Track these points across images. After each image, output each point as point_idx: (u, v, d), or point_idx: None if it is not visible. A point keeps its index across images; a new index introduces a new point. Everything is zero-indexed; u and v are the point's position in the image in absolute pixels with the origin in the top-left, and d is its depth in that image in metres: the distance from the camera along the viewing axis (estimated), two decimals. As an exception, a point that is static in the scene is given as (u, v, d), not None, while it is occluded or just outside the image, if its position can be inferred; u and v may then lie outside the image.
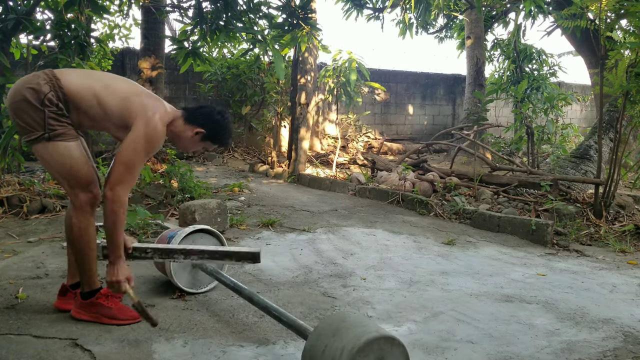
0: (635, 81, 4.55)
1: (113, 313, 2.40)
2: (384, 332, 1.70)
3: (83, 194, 2.32)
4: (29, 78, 2.29)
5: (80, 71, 2.43)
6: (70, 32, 4.49)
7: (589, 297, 2.95)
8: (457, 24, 12.55)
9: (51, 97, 2.24)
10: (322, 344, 1.75)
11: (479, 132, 8.65)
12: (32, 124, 2.25)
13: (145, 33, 7.40)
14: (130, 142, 2.28)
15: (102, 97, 2.31)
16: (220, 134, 2.54)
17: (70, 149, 2.28)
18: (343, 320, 1.81)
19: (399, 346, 1.70)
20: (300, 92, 7.95)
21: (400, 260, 3.59)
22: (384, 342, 1.68)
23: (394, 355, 1.69)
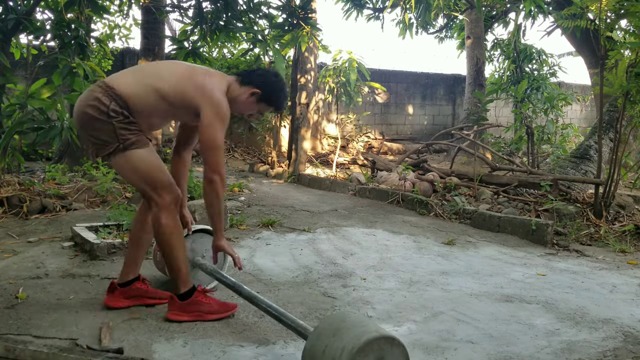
0: (635, 81, 4.55)
1: (214, 308, 2.43)
2: (383, 332, 1.70)
3: (167, 195, 2.36)
4: (86, 95, 2.32)
5: (128, 72, 2.44)
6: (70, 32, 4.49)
7: (589, 297, 2.95)
8: (457, 24, 12.55)
9: (114, 107, 2.27)
10: (322, 344, 1.75)
11: (479, 132, 8.66)
12: (105, 138, 2.28)
13: (145, 33, 7.40)
14: (207, 127, 2.33)
15: (160, 88, 2.34)
16: (276, 94, 2.54)
17: (145, 155, 2.33)
18: (343, 320, 1.80)
19: (399, 346, 1.69)
20: (300, 92, 7.96)
21: (400, 260, 3.59)
22: (383, 342, 1.67)
23: (394, 355, 1.68)
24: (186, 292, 2.42)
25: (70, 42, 4.48)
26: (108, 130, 2.27)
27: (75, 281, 2.91)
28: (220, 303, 2.49)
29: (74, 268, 3.13)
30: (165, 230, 2.35)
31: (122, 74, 2.42)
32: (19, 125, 4.33)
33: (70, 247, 3.54)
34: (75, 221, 4.09)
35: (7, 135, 4.32)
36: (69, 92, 5.09)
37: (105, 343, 2.14)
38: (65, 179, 5.37)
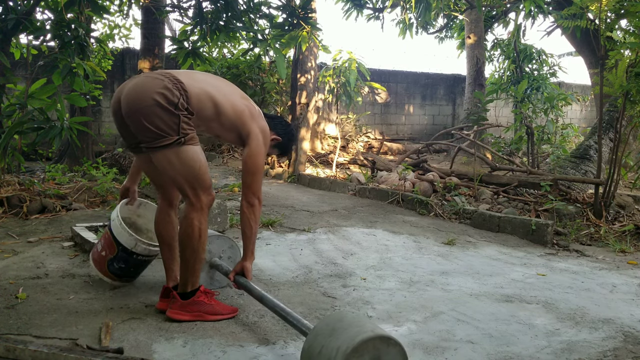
0: (635, 81, 4.55)
1: (215, 309, 2.44)
2: (379, 332, 1.69)
3: (205, 196, 2.39)
4: (154, 82, 2.27)
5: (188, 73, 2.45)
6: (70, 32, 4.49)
7: (589, 297, 2.95)
8: (457, 24, 12.55)
9: (183, 101, 2.28)
10: (318, 344, 1.74)
11: (479, 132, 8.65)
12: (166, 129, 2.25)
13: (145, 33, 7.41)
14: (255, 152, 2.46)
15: (218, 100, 2.40)
16: (290, 145, 2.85)
17: (199, 152, 2.36)
18: (340, 320, 1.80)
19: (395, 345, 1.68)
20: (300, 92, 7.95)
21: (400, 260, 3.59)
22: (379, 342, 1.67)
23: (390, 354, 1.68)
24: (190, 292, 2.42)
25: (70, 42, 4.48)
26: (172, 122, 2.25)
27: (75, 281, 2.91)
28: (222, 305, 2.50)
29: (74, 268, 3.13)
30: (195, 231, 2.35)
31: (183, 72, 2.41)
32: (19, 125, 4.33)
33: (70, 247, 3.55)
34: (75, 221, 4.09)
35: (7, 135, 4.32)
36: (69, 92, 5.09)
37: (105, 343, 2.14)
38: (65, 179, 5.37)
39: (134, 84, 2.32)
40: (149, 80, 2.30)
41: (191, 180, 2.34)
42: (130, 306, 2.58)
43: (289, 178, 7.45)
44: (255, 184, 2.46)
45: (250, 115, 2.48)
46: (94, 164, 5.98)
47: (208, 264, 2.81)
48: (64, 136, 4.45)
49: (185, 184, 2.36)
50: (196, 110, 2.34)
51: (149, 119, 2.25)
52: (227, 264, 2.82)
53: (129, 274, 2.78)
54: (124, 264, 2.74)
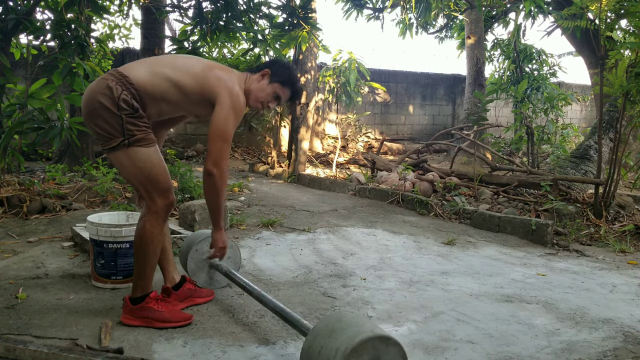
0: (635, 81, 4.55)
1: (165, 316, 2.36)
2: (378, 332, 1.69)
3: (161, 200, 2.32)
4: (98, 83, 2.27)
5: (145, 61, 2.41)
6: (70, 32, 4.49)
7: (589, 297, 2.95)
8: (457, 24, 12.55)
9: (125, 97, 2.22)
10: (318, 344, 1.75)
11: (479, 132, 8.65)
12: (111, 130, 2.23)
13: (145, 33, 7.41)
14: (221, 116, 2.29)
15: (177, 79, 2.31)
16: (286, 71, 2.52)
17: (150, 154, 2.28)
18: (340, 320, 1.80)
19: (395, 345, 1.69)
20: (300, 92, 7.94)
21: (400, 260, 3.59)
22: (378, 342, 1.67)
23: (389, 354, 1.68)
24: (138, 297, 2.38)
25: (70, 42, 4.48)
26: (115, 123, 2.22)
27: (75, 281, 2.91)
28: (175, 312, 2.41)
29: (74, 268, 3.13)
30: (146, 235, 2.31)
31: (138, 63, 2.38)
32: (19, 125, 4.33)
33: (70, 247, 3.55)
34: (75, 221, 4.09)
35: (7, 135, 4.32)
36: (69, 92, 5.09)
37: (105, 343, 2.14)
38: (65, 179, 5.37)
39: (86, 89, 2.35)
40: (94, 83, 2.31)
41: (144, 182, 2.30)
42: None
43: (288, 178, 7.45)
44: (216, 150, 2.28)
45: (216, 80, 2.34)
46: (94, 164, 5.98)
47: (208, 263, 2.81)
48: (64, 136, 4.45)
49: (139, 186, 2.33)
50: (151, 93, 2.28)
51: (94, 121, 2.26)
52: (226, 263, 2.82)
53: (114, 269, 2.80)
54: (103, 259, 2.78)
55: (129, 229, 2.80)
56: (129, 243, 2.80)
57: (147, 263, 2.35)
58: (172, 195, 2.36)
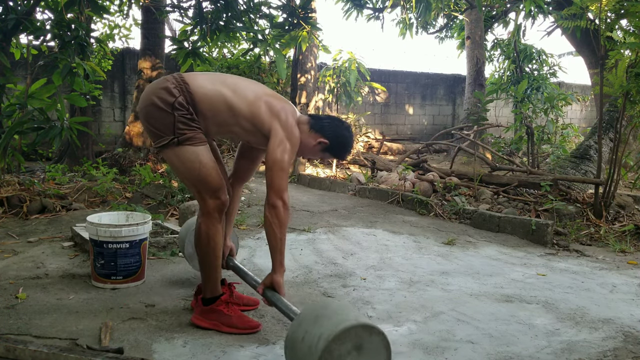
0: (635, 81, 4.55)
1: (232, 322, 2.34)
2: (362, 321, 1.70)
3: (211, 200, 2.31)
4: (158, 82, 2.29)
5: (207, 75, 2.39)
6: (70, 32, 4.48)
7: (589, 297, 2.95)
8: (457, 24, 12.55)
9: (182, 100, 2.23)
10: (302, 331, 1.76)
11: (479, 132, 8.65)
12: (162, 128, 2.25)
13: (145, 33, 7.41)
14: (275, 146, 2.26)
15: (233, 102, 2.29)
16: (343, 149, 2.49)
17: (199, 153, 2.27)
18: (325, 307, 1.81)
19: (378, 334, 1.69)
20: (300, 91, 7.95)
21: (400, 260, 3.59)
22: (361, 330, 1.68)
23: (372, 343, 1.69)
24: (210, 298, 2.38)
25: (70, 42, 4.47)
26: (167, 122, 2.23)
27: (75, 281, 2.92)
28: (242, 318, 2.38)
29: (74, 268, 3.13)
30: (202, 237, 2.33)
31: (201, 75, 2.37)
32: (19, 125, 4.33)
33: (70, 247, 3.55)
34: (75, 221, 4.09)
35: (7, 135, 4.31)
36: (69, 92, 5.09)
37: (105, 343, 2.14)
38: (65, 179, 5.37)
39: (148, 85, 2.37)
40: (153, 83, 2.34)
41: (194, 182, 2.31)
42: (130, 306, 2.58)
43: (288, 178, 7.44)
44: (277, 181, 2.26)
45: (269, 112, 2.31)
46: (94, 164, 5.98)
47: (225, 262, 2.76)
48: (64, 136, 4.45)
49: (190, 186, 2.34)
50: (209, 114, 2.28)
51: (147, 119, 2.30)
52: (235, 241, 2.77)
53: (114, 269, 2.80)
54: (103, 259, 2.79)
55: (129, 229, 2.80)
56: (128, 243, 2.80)
57: (209, 265, 2.35)
58: (223, 195, 2.35)
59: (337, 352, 1.65)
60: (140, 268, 2.89)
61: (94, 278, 2.86)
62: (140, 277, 2.90)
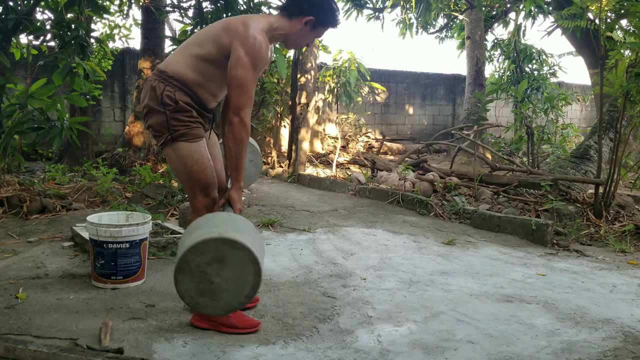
0: (635, 81, 4.55)
1: (231, 321, 2.33)
2: (225, 235, 1.71)
3: (201, 197, 2.32)
4: (145, 87, 2.35)
5: (176, 50, 2.39)
6: (70, 32, 4.48)
7: (589, 297, 2.95)
8: (457, 24, 12.55)
9: (168, 92, 2.25)
10: (182, 240, 1.83)
11: (479, 132, 8.65)
12: (158, 127, 2.29)
13: (145, 33, 7.41)
14: (233, 64, 2.19)
15: (202, 52, 2.28)
16: (331, 13, 2.37)
17: (192, 149, 2.28)
18: (208, 220, 1.84)
19: (242, 250, 1.70)
20: (300, 92, 7.95)
21: (400, 260, 3.59)
22: (222, 244, 1.69)
23: (235, 257, 1.70)
24: None
25: (70, 42, 4.47)
26: (162, 121, 2.27)
27: (75, 281, 2.91)
28: (241, 318, 2.38)
29: (74, 268, 3.13)
30: None
31: (171, 55, 2.39)
32: (19, 125, 4.33)
33: (70, 247, 3.55)
34: (75, 221, 4.09)
35: (7, 135, 4.31)
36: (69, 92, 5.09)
37: (105, 343, 2.14)
38: (65, 179, 5.37)
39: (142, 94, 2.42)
40: (143, 88, 2.37)
41: (186, 178, 2.33)
42: (130, 306, 2.58)
43: (289, 178, 7.45)
44: (234, 99, 2.19)
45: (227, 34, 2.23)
46: (94, 164, 5.98)
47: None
48: (64, 136, 4.45)
49: (184, 182, 2.36)
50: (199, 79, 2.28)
51: (147, 121, 2.34)
52: (248, 167, 2.77)
53: (114, 269, 2.80)
54: (103, 259, 2.79)
55: (129, 229, 2.80)
56: (128, 243, 2.80)
57: None
58: (213, 193, 2.36)
59: (194, 262, 1.69)
60: (140, 268, 2.89)
61: (94, 278, 2.86)
62: (140, 277, 2.90)
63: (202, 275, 1.71)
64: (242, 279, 1.72)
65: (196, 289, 1.73)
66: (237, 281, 1.72)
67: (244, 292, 1.73)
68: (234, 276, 1.72)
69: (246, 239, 1.72)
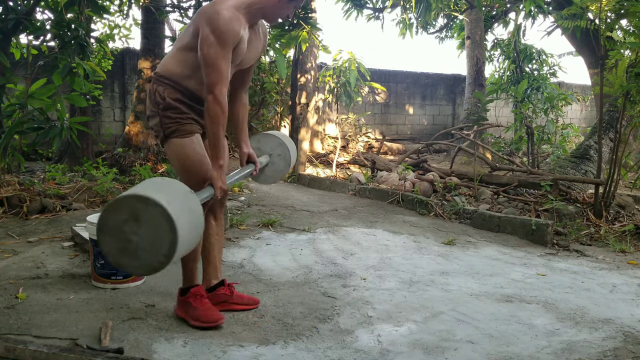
0: (635, 81, 4.55)
1: (197, 314, 2.36)
2: (139, 192, 1.75)
3: None
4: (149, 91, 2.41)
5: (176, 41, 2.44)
6: (70, 32, 4.48)
7: (589, 297, 2.95)
8: (457, 24, 12.55)
9: (159, 91, 2.32)
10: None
11: (479, 132, 8.65)
12: (156, 128, 2.36)
13: (145, 33, 7.40)
14: (202, 44, 2.19)
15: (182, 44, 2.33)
16: None
17: (184, 145, 2.32)
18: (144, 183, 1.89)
19: (155, 206, 1.72)
20: (300, 92, 7.95)
21: (400, 260, 3.59)
22: (136, 201, 1.74)
23: (149, 214, 1.73)
24: (184, 289, 2.45)
25: (70, 42, 4.47)
26: (157, 121, 2.34)
27: (75, 281, 2.92)
28: (207, 312, 2.39)
29: (74, 268, 3.13)
30: None
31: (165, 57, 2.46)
32: (19, 125, 4.33)
33: (70, 247, 3.55)
34: (75, 221, 4.09)
35: (7, 135, 4.31)
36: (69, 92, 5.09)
37: (105, 343, 2.14)
38: (65, 179, 5.37)
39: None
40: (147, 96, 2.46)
41: (181, 173, 2.37)
42: (130, 306, 2.58)
43: (288, 178, 7.45)
44: (206, 78, 2.20)
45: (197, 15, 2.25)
46: (94, 164, 5.98)
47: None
48: (64, 136, 4.45)
49: (180, 177, 2.39)
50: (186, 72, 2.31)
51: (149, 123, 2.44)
52: (278, 160, 2.80)
53: (114, 269, 2.79)
54: (103, 259, 2.79)
55: None
56: None
57: (187, 257, 2.39)
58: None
59: (112, 221, 1.75)
60: None
61: (94, 278, 2.86)
62: (140, 277, 2.90)
63: (121, 234, 1.75)
64: (158, 237, 1.74)
65: (117, 249, 1.76)
66: (153, 239, 1.74)
67: (162, 251, 1.74)
68: (150, 234, 1.74)
69: (163, 197, 1.75)
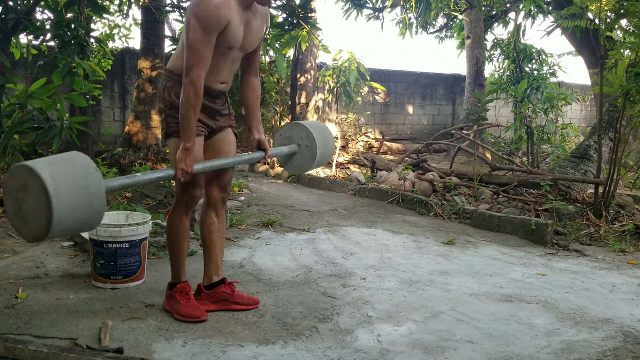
0: (635, 81, 4.55)
1: (180, 309, 2.44)
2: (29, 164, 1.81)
3: (183, 195, 2.45)
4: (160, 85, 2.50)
5: None
6: (70, 32, 4.48)
7: (589, 297, 2.95)
8: (457, 24, 12.54)
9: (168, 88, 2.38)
10: None
11: (479, 132, 8.65)
12: (162, 123, 2.46)
13: (145, 33, 7.40)
14: (185, 28, 2.28)
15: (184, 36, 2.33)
16: None
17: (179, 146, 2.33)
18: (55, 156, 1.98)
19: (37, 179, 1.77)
20: (300, 91, 7.95)
21: (400, 260, 3.59)
22: (26, 171, 1.80)
23: (33, 185, 1.79)
24: (172, 284, 2.53)
25: (70, 42, 4.47)
26: (163, 117, 2.45)
27: (75, 281, 2.92)
28: (191, 308, 2.43)
29: (74, 268, 3.13)
30: (168, 224, 2.53)
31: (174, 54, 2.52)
32: (19, 125, 4.33)
33: (70, 247, 3.55)
34: (75, 221, 4.08)
35: (7, 135, 4.31)
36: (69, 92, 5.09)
37: (105, 343, 2.14)
38: (65, 179, 5.35)
39: None
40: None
41: None
42: (130, 306, 2.58)
43: (289, 178, 7.45)
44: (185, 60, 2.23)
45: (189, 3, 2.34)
46: (94, 164, 5.97)
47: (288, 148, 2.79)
48: (64, 136, 4.45)
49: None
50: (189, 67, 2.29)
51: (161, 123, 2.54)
52: (305, 152, 2.81)
53: (114, 269, 2.81)
54: (103, 259, 2.80)
55: (129, 229, 2.80)
56: (128, 243, 2.80)
57: (171, 251, 2.53)
58: (194, 191, 2.45)
59: (11, 186, 1.86)
60: (140, 268, 2.89)
61: (94, 278, 2.86)
62: (140, 277, 2.90)
63: (15, 201, 1.86)
64: (37, 209, 1.79)
65: (14, 212, 1.88)
66: (36, 211, 1.80)
67: (42, 224, 1.79)
68: (33, 205, 1.81)
69: (47, 170, 1.79)
